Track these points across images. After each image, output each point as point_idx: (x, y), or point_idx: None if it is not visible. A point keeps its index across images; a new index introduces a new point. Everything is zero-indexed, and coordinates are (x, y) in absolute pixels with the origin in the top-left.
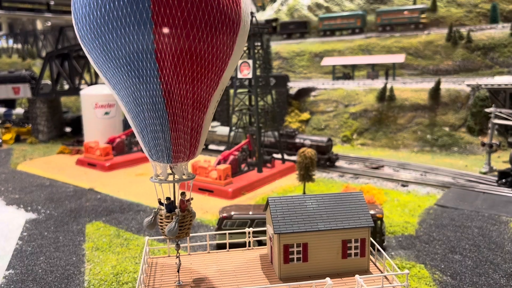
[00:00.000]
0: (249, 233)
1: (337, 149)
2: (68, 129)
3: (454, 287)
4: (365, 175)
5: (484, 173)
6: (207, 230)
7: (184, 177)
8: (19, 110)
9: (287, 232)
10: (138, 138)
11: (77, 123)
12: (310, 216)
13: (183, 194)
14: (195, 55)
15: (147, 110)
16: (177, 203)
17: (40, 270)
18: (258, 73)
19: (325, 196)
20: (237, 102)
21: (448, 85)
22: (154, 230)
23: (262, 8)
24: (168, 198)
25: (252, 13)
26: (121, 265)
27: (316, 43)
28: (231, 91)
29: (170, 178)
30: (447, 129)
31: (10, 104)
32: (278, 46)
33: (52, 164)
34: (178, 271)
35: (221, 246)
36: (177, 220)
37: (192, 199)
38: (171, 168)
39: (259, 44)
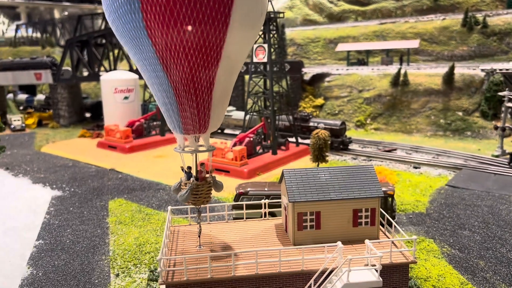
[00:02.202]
0: (265, 204)
1: (350, 133)
2: (87, 115)
3: (462, 259)
4: (378, 158)
5: (497, 156)
6: (223, 206)
7: (202, 148)
8: (40, 96)
9: (301, 200)
10: (161, 110)
11: (96, 109)
12: (323, 187)
13: (202, 165)
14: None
15: (156, 84)
16: (194, 172)
17: (67, 241)
18: (273, 57)
19: (337, 168)
20: (252, 86)
21: (463, 70)
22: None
23: None
24: (188, 167)
25: None
26: (143, 237)
27: (331, 29)
28: (246, 77)
29: (188, 149)
30: (460, 113)
31: (31, 90)
32: (293, 32)
33: (74, 147)
34: (199, 236)
35: (238, 220)
36: (190, 188)
37: (212, 171)
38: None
39: (274, 29)
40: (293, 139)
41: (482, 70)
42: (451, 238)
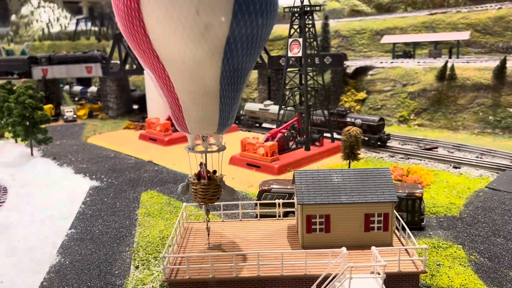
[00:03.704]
0: (279, 204)
1: (393, 129)
2: (135, 106)
3: (490, 269)
4: (416, 156)
5: None
6: (250, 202)
7: (211, 148)
8: (93, 88)
9: (309, 203)
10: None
11: (143, 101)
12: (334, 189)
13: (200, 164)
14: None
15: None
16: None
17: (97, 231)
18: (308, 52)
19: (351, 170)
20: (287, 81)
21: None
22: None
23: None
24: (199, 164)
25: None
26: (168, 230)
27: (378, 21)
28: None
29: (197, 149)
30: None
31: (86, 83)
32: (338, 24)
33: (118, 138)
34: (208, 234)
35: (262, 217)
36: (187, 183)
37: (222, 175)
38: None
39: (310, 22)
40: (329, 135)
41: None
42: (482, 245)
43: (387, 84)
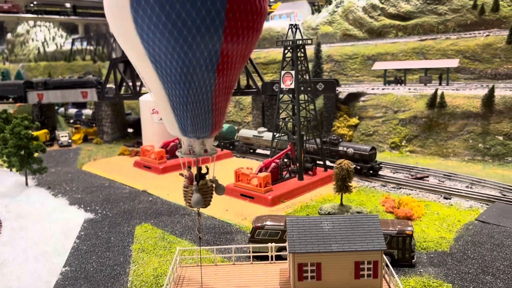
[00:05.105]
0: (272, 248)
1: (385, 155)
2: (130, 130)
3: None
4: (407, 186)
5: None
6: (243, 237)
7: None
8: (88, 111)
9: (301, 252)
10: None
11: (138, 125)
12: (325, 237)
13: (188, 168)
14: None
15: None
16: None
17: (91, 269)
18: (302, 80)
19: (340, 218)
20: (281, 110)
21: (504, 92)
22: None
23: (318, 10)
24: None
25: (296, 25)
26: (162, 267)
27: (370, 46)
28: None
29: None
30: (501, 138)
31: (81, 105)
32: (331, 49)
33: (112, 165)
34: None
35: (255, 254)
36: (196, 190)
37: (215, 177)
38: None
39: (302, 55)
40: (322, 162)
41: None
42: (472, 284)
43: (378, 111)
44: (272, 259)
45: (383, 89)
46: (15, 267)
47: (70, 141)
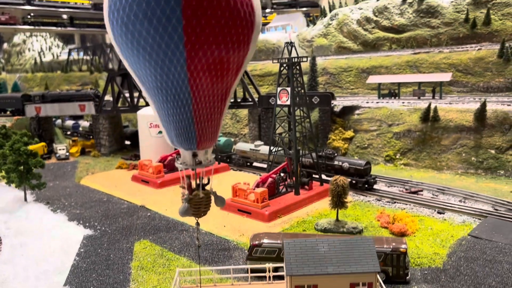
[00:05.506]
0: (269, 269)
1: (379, 168)
2: (127, 142)
3: None
4: (402, 200)
5: None
6: (241, 253)
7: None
8: (85, 123)
9: (298, 274)
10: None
11: (136, 137)
12: (321, 260)
13: (188, 177)
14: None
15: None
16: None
17: (92, 287)
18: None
19: (336, 241)
20: (277, 126)
21: (496, 106)
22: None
23: (313, 23)
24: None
25: (291, 43)
26: (161, 286)
27: (364, 59)
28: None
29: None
30: (493, 151)
31: (77, 116)
32: (326, 61)
33: (110, 179)
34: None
35: (255, 271)
36: (186, 200)
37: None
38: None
39: (297, 72)
40: (318, 176)
41: None
42: None
43: (373, 124)
44: (269, 279)
45: (377, 102)
46: (16, 285)
47: (68, 154)
